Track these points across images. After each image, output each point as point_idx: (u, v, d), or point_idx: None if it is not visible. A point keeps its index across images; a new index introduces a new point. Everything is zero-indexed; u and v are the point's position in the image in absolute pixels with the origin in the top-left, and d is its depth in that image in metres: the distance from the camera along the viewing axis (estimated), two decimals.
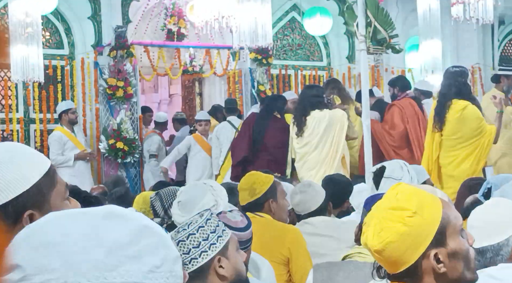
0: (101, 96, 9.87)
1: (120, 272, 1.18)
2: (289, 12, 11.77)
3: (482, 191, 4.07)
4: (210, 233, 2.49)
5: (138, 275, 1.19)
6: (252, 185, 4.13)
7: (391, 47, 6.30)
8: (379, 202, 1.90)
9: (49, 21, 9.89)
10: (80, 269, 1.16)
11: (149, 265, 1.21)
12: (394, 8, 11.62)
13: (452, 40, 12.45)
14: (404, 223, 1.81)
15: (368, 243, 1.85)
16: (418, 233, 1.83)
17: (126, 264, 1.18)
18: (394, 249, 1.82)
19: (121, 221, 1.22)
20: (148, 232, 1.23)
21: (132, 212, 1.27)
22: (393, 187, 1.91)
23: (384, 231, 1.82)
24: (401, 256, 1.83)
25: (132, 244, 1.20)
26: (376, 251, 1.83)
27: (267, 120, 8.10)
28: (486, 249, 2.60)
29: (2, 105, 9.60)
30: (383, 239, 1.82)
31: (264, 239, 3.88)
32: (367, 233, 1.86)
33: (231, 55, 11.11)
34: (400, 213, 1.82)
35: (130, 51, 9.89)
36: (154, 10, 10.70)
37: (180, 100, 12.83)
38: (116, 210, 1.24)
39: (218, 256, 2.49)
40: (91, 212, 1.23)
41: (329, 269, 3.24)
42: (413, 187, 1.91)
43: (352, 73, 11.87)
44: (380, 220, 1.84)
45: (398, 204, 1.84)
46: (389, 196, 1.88)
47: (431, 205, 1.87)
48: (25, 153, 1.77)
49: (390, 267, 1.88)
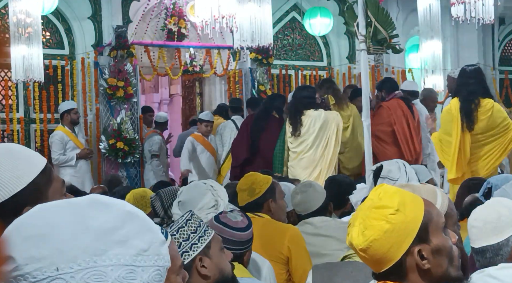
0: (102, 96, 9.88)
1: (109, 256, 1.22)
2: (289, 12, 11.77)
3: (483, 191, 4.07)
4: (190, 233, 2.50)
5: (127, 258, 1.23)
6: (251, 185, 4.14)
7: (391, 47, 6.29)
8: (362, 203, 1.93)
9: (50, 21, 9.89)
10: (70, 255, 1.19)
11: (137, 249, 1.25)
12: (394, 8, 11.63)
13: (452, 40, 12.46)
14: (387, 221, 1.84)
15: (353, 242, 1.87)
16: (401, 230, 1.86)
17: (114, 248, 1.22)
18: (379, 247, 1.84)
19: (105, 208, 1.26)
20: (132, 217, 1.28)
21: (115, 199, 1.31)
22: (376, 188, 1.94)
23: (368, 229, 1.85)
24: (386, 254, 1.86)
25: (118, 228, 1.24)
26: (361, 249, 1.86)
27: (265, 120, 8.10)
28: (485, 249, 2.60)
29: (3, 105, 9.60)
30: (368, 237, 1.84)
31: (263, 238, 3.89)
32: (351, 233, 1.89)
33: (231, 55, 11.11)
34: (382, 211, 1.86)
35: (130, 51, 9.90)
36: (155, 10, 10.70)
37: (181, 100, 12.83)
38: (99, 198, 1.29)
39: (200, 256, 2.49)
40: (75, 202, 1.28)
41: (328, 270, 3.24)
42: (395, 187, 1.95)
43: (353, 73, 11.87)
44: (363, 219, 1.87)
45: (381, 203, 1.87)
46: (372, 196, 1.92)
47: (412, 202, 1.90)
48: (20, 152, 1.82)
49: (376, 265, 1.90)
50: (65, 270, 1.19)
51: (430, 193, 2.32)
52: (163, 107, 15.67)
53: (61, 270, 1.19)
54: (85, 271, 1.20)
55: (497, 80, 13.06)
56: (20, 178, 1.76)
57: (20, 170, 1.77)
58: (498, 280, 2.33)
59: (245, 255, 3.10)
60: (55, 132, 9.17)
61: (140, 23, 10.59)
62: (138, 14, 10.52)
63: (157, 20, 10.73)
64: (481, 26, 10.33)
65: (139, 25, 10.58)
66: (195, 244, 2.49)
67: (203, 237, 2.52)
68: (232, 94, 11.17)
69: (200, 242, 2.50)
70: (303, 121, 7.50)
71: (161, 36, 10.75)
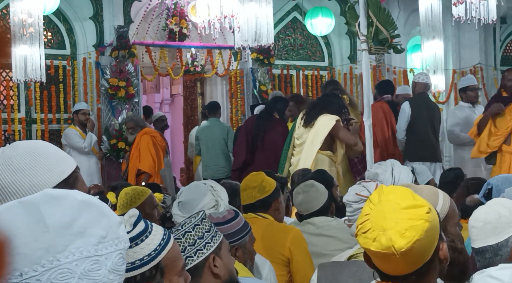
0: (103, 96, 9.88)
1: (71, 251, 1.21)
2: (290, 12, 11.77)
3: (483, 192, 4.07)
4: (205, 232, 2.51)
5: (88, 249, 1.23)
6: (261, 183, 4.12)
7: (392, 47, 6.30)
8: (373, 207, 1.90)
9: (51, 21, 9.89)
10: (33, 257, 1.18)
11: (96, 237, 1.24)
12: (395, 8, 11.62)
13: (454, 40, 12.45)
14: (426, 219, 1.85)
15: (395, 245, 1.83)
16: (436, 227, 1.89)
17: (74, 241, 1.21)
18: (420, 247, 1.85)
19: (59, 201, 1.25)
20: (85, 205, 1.27)
21: (66, 190, 1.30)
22: (379, 192, 1.93)
23: (409, 230, 1.83)
24: (424, 253, 1.87)
25: (75, 220, 1.23)
26: (403, 252, 1.83)
27: (267, 122, 8.10)
28: (485, 249, 2.60)
29: (4, 105, 9.61)
30: (411, 239, 1.83)
31: (265, 239, 3.89)
32: (384, 237, 1.84)
33: (232, 55, 11.12)
34: (417, 210, 1.86)
35: (131, 51, 9.90)
36: (156, 10, 10.70)
37: (182, 101, 12.83)
38: (52, 192, 1.27)
39: (213, 255, 2.51)
40: (29, 201, 1.26)
41: (333, 268, 3.24)
42: (396, 186, 1.97)
43: (354, 73, 11.87)
44: (398, 222, 1.85)
45: (409, 203, 1.87)
46: (385, 199, 1.90)
47: (426, 199, 1.94)
48: (47, 157, 1.74)
49: (408, 266, 1.89)
50: (29, 274, 1.18)
51: (432, 194, 2.32)
52: (165, 107, 15.68)
53: (25, 274, 1.17)
54: (50, 271, 1.19)
55: (499, 80, 13.01)
56: (36, 187, 1.68)
57: (39, 177, 1.70)
58: (498, 280, 2.33)
59: (237, 251, 3.09)
60: (68, 129, 9.36)
61: (142, 23, 10.60)
62: (139, 14, 10.52)
63: (158, 20, 10.73)
64: (483, 26, 10.33)
65: (141, 25, 10.58)
66: (208, 243, 2.51)
67: (215, 237, 2.55)
68: (233, 95, 11.18)
69: (213, 242, 2.52)
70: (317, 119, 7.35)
71: (163, 36, 10.75)
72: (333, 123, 7.10)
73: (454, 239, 2.30)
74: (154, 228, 1.96)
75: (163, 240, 1.94)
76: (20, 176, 1.69)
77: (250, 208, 4.11)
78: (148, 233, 1.92)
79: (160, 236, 1.94)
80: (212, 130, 9.43)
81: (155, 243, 1.92)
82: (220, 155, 9.38)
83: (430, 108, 8.33)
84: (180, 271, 1.96)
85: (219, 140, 9.34)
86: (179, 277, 1.96)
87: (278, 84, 11.59)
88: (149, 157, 9.05)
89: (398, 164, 4.28)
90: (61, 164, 1.76)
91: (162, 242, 1.93)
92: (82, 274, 1.21)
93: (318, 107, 7.34)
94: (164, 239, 1.94)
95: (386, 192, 1.92)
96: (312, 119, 7.30)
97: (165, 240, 1.94)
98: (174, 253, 1.96)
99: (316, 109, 7.33)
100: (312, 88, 11.66)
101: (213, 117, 9.63)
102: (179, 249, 2.05)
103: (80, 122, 9.32)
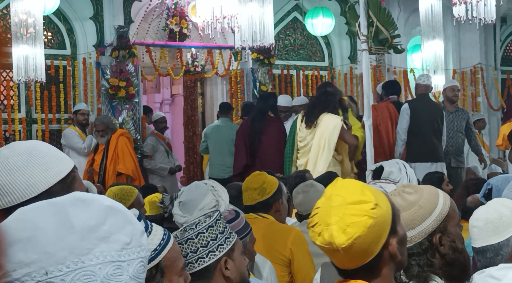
0: (103, 96, 9.88)
1: (96, 254, 1.22)
2: (291, 12, 11.77)
3: (483, 192, 4.07)
4: (218, 234, 2.49)
5: (112, 254, 1.24)
6: (262, 184, 4.11)
7: (393, 47, 6.30)
8: (323, 201, 1.88)
9: (51, 21, 9.89)
10: (58, 257, 1.19)
11: (120, 243, 1.26)
12: (396, 8, 11.62)
13: (454, 40, 12.44)
14: (370, 216, 1.81)
15: (335, 241, 1.81)
16: (382, 223, 1.84)
17: (99, 245, 1.23)
18: (362, 243, 1.81)
19: (87, 205, 1.27)
20: (112, 211, 1.28)
21: (93, 195, 1.31)
22: (333, 184, 1.91)
23: (351, 226, 1.81)
24: (367, 249, 1.83)
25: (101, 225, 1.25)
26: (344, 248, 1.81)
27: (261, 122, 8.09)
28: (486, 249, 2.60)
29: (4, 105, 9.61)
30: (352, 235, 1.80)
31: (266, 240, 3.88)
32: (327, 232, 1.83)
33: (233, 55, 11.11)
34: (362, 206, 1.82)
35: (132, 52, 9.90)
36: (156, 10, 10.70)
37: (182, 101, 12.82)
38: (80, 196, 1.29)
39: (225, 257, 2.49)
40: (56, 201, 1.28)
41: None
42: (353, 180, 1.93)
43: (354, 74, 11.87)
44: (341, 217, 1.82)
45: (355, 198, 1.84)
46: (337, 192, 1.87)
47: (380, 194, 1.90)
48: (44, 157, 1.75)
49: (352, 262, 1.86)
50: (54, 273, 1.19)
51: (432, 194, 2.32)
52: (165, 107, 15.68)
53: (50, 273, 1.19)
54: (75, 272, 1.20)
55: (499, 80, 13.04)
56: (33, 186, 1.70)
57: (36, 176, 1.71)
58: (498, 280, 2.33)
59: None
60: (68, 129, 9.35)
61: (142, 23, 10.59)
62: (139, 14, 10.52)
63: (158, 20, 10.73)
64: (483, 26, 10.33)
65: (141, 25, 10.58)
66: (221, 245, 2.49)
67: (229, 239, 2.53)
68: (234, 95, 11.18)
69: (226, 244, 2.50)
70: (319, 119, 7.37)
71: (163, 36, 10.74)
72: (341, 124, 7.15)
73: (454, 239, 2.29)
74: (154, 228, 1.96)
75: (163, 240, 1.94)
76: (17, 176, 1.70)
77: (250, 208, 4.11)
78: (148, 233, 1.92)
79: (160, 236, 1.94)
80: (221, 130, 9.43)
81: (155, 243, 1.92)
82: (227, 155, 9.38)
83: (431, 109, 8.40)
84: (180, 271, 1.96)
85: (227, 140, 9.34)
86: (179, 277, 1.95)
87: (278, 84, 11.59)
88: (130, 159, 8.99)
89: (405, 163, 4.30)
90: (58, 164, 1.76)
91: (162, 242, 1.93)
92: (104, 277, 1.22)
93: (319, 106, 7.34)
94: (164, 239, 1.94)
95: (339, 186, 1.89)
96: (314, 120, 7.31)
97: (165, 240, 1.94)
98: (174, 253, 1.96)
99: (317, 109, 7.34)
100: (312, 88, 11.66)
101: (224, 117, 9.67)
102: (179, 249, 2.05)
103: (79, 122, 9.32)
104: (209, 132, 9.59)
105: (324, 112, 7.28)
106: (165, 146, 10.12)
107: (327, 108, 7.30)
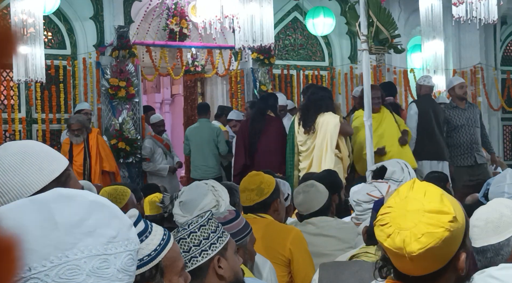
0: (103, 96, 9.88)
1: (80, 248, 1.23)
2: (291, 12, 11.77)
3: (483, 192, 4.07)
4: (211, 233, 2.50)
5: (98, 248, 1.25)
6: (259, 185, 4.11)
7: (393, 47, 6.29)
8: (398, 202, 1.81)
9: (51, 21, 9.89)
10: (42, 253, 1.20)
11: (106, 237, 1.26)
12: (396, 8, 11.62)
13: (454, 40, 12.44)
14: (447, 229, 1.74)
15: (407, 248, 1.74)
16: (456, 237, 1.78)
17: (84, 240, 1.23)
18: (433, 254, 1.75)
19: (70, 201, 1.27)
20: (97, 206, 1.29)
21: (77, 190, 1.32)
22: (409, 186, 1.83)
23: (426, 236, 1.73)
24: (436, 260, 1.78)
25: (85, 220, 1.25)
26: (414, 257, 1.75)
27: (261, 122, 8.09)
28: (486, 249, 2.60)
29: (5, 105, 9.61)
30: (425, 245, 1.73)
31: (266, 239, 3.88)
32: (399, 236, 1.76)
33: (233, 55, 11.11)
34: (440, 217, 1.75)
35: (132, 51, 9.90)
36: (156, 10, 10.70)
37: (182, 101, 12.82)
38: (63, 192, 1.30)
39: (218, 256, 2.49)
40: (39, 198, 1.28)
41: (335, 268, 3.24)
42: (429, 184, 1.84)
43: (354, 73, 11.86)
44: (417, 224, 1.75)
45: (434, 207, 1.76)
46: (412, 196, 1.80)
47: (457, 205, 1.82)
48: (38, 156, 1.75)
49: (416, 269, 1.80)
50: (38, 269, 1.20)
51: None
52: (165, 107, 15.68)
53: (34, 269, 1.20)
54: (59, 267, 1.21)
55: (499, 80, 13.04)
56: (28, 186, 1.70)
57: (30, 176, 1.71)
58: (498, 280, 2.33)
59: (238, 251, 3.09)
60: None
61: (142, 23, 10.59)
62: (139, 14, 10.52)
63: (158, 20, 10.73)
64: (483, 26, 10.33)
65: (141, 25, 10.58)
66: (214, 244, 2.49)
67: (222, 237, 2.53)
68: (234, 95, 11.18)
69: (218, 242, 2.50)
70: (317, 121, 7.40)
71: (163, 36, 10.74)
72: (339, 124, 7.22)
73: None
74: (154, 228, 1.96)
75: (163, 240, 1.93)
76: (11, 176, 1.70)
77: (249, 209, 4.11)
78: (148, 233, 1.92)
79: (160, 236, 1.94)
80: (201, 131, 9.49)
81: (155, 243, 1.91)
82: (209, 156, 9.45)
83: (437, 110, 8.59)
84: (180, 271, 1.96)
85: (208, 141, 9.40)
86: (179, 277, 1.95)
87: (279, 84, 11.59)
88: (111, 156, 9.10)
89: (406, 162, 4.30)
90: (52, 163, 1.76)
91: (162, 242, 1.93)
92: (90, 271, 1.23)
93: (313, 108, 7.38)
94: (164, 239, 1.94)
95: (416, 188, 1.82)
96: (311, 124, 7.35)
97: (165, 240, 1.94)
98: (174, 253, 1.96)
99: (311, 111, 7.38)
100: None
101: (203, 118, 9.70)
102: (179, 249, 2.05)
103: None
104: (190, 134, 9.64)
105: (320, 113, 7.32)
106: (163, 147, 10.10)
107: (321, 108, 7.34)
